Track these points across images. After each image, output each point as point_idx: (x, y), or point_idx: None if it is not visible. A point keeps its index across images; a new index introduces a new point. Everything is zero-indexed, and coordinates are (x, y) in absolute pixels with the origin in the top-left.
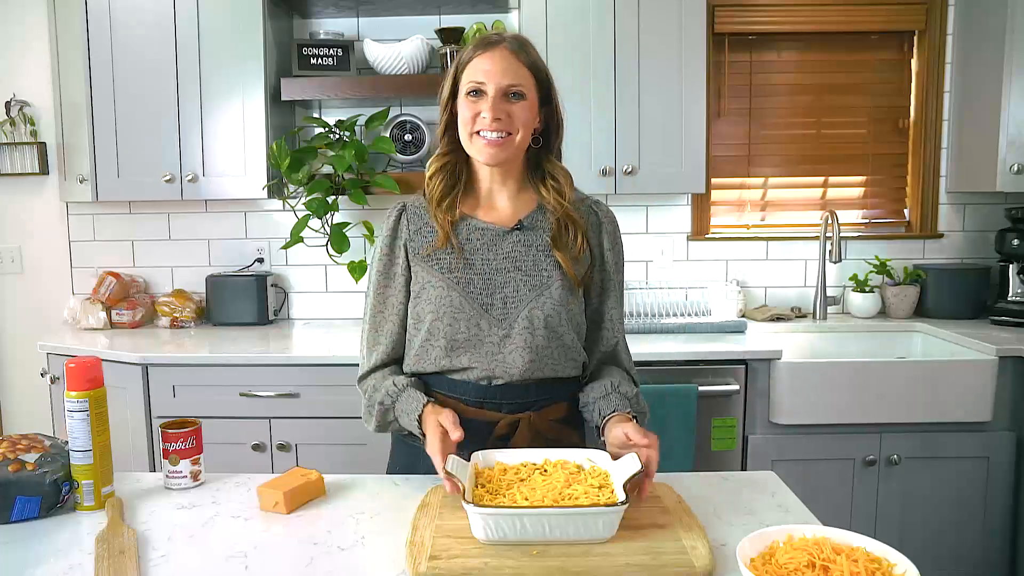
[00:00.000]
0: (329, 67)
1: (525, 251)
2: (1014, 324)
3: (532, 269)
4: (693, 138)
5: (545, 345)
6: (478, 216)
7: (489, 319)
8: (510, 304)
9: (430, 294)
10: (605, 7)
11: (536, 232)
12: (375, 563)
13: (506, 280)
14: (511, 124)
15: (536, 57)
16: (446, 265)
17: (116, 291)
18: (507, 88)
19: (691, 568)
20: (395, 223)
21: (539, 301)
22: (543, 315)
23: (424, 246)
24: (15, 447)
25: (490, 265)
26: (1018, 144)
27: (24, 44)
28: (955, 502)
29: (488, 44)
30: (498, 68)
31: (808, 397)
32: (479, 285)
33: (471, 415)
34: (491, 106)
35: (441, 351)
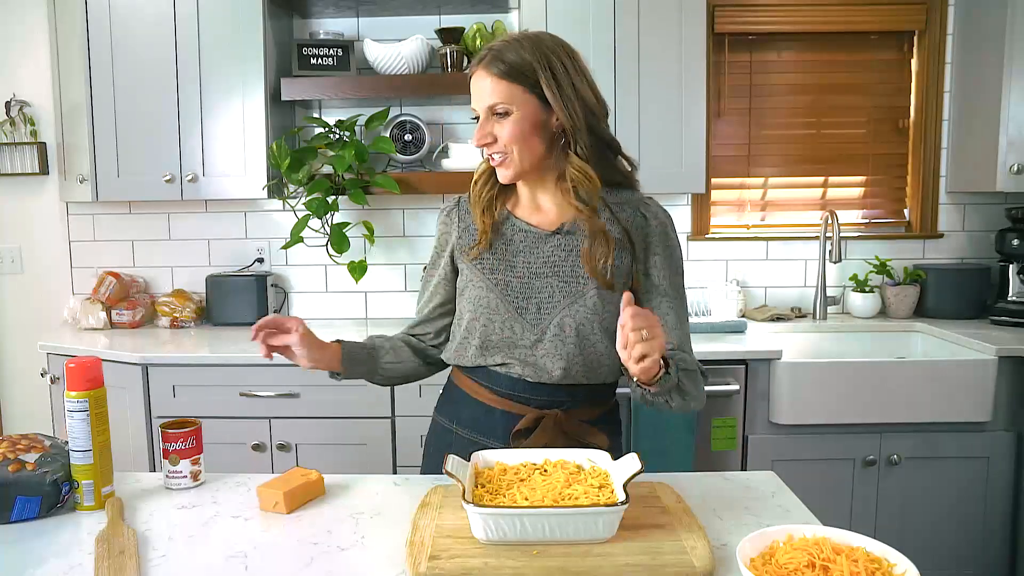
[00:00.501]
0: (329, 67)
1: (564, 256)
2: (1014, 324)
3: (569, 275)
4: (693, 138)
5: (576, 353)
6: (523, 217)
7: (523, 323)
8: (544, 309)
9: (471, 293)
10: (605, 7)
11: (577, 236)
12: (375, 563)
13: (543, 285)
14: (501, 144)
15: (515, 59)
16: (488, 265)
17: (116, 291)
18: (490, 109)
19: (691, 568)
20: (447, 218)
21: (572, 309)
22: (575, 323)
23: (471, 244)
24: (15, 447)
25: (530, 268)
26: (1018, 144)
27: (24, 44)
28: (955, 502)
29: (476, 61)
30: (478, 90)
31: (808, 397)
32: (517, 288)
33: (500, 406)
34: (476, 131)
35: (476, 350)
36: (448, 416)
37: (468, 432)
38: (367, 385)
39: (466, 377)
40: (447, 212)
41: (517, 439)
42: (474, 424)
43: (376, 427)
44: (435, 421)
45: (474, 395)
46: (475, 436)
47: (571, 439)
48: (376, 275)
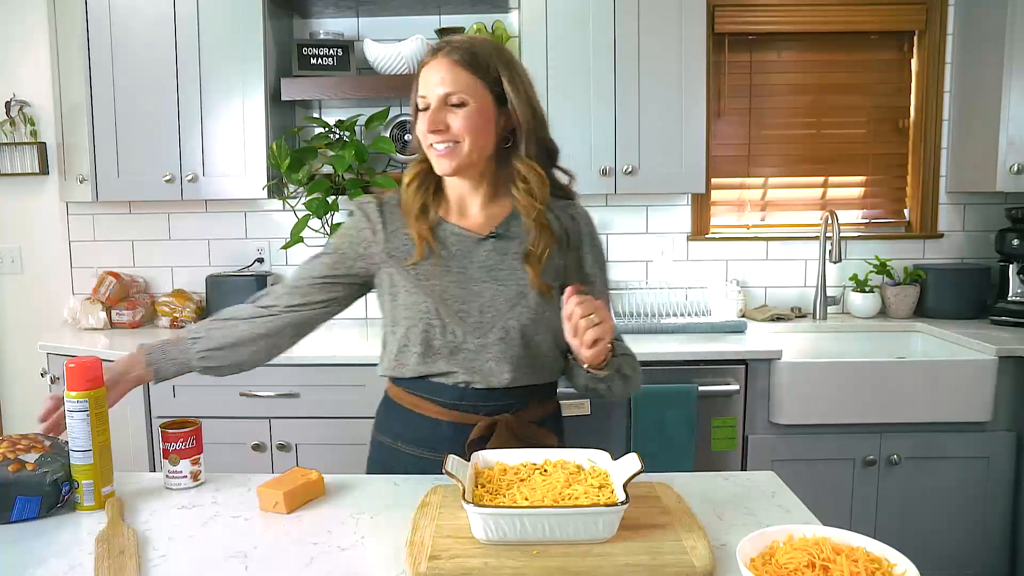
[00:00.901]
0: (329, 67)
1: (500, 259)
2: (1014, 324)
3: (508, 278)
4: (693, 138)
5: (522, 355)
6: (453, 221)
7: (465, 327)
8: (486, 313)
9: (406, 300)
10: (605, 7)
11: (511, 240)
12: (375, 563)
13: (482, 289)
14: (452, 133)
15: (480, 54)
16: (423, 271)
17: (116, 291)
18: (445, 98)
19: (691, 568)
20: (367, 222)
21: (515, 311)
22: (519, 325)
23: (401, 249)
24: (15, 447)
25: (466, 273)
26: (1018, 144)
27: (24, 44)
28: (955, 502)
29: (431, 54)
30: (435, 79)
31: (808, 397)
32: (455, 293)
33: (447, 417)
34: (429, 117)
35: (418, 357)
36: (390, 434)
37: (414, 448)
38: (367, 385)
39: (405, 392)
40: (366, 215)
41: (472, 449)
42: (420, 440)
43: None
44: (375, 440)
45: (417, 410)
46: (422, 452)
47: (523, 442)
48: None
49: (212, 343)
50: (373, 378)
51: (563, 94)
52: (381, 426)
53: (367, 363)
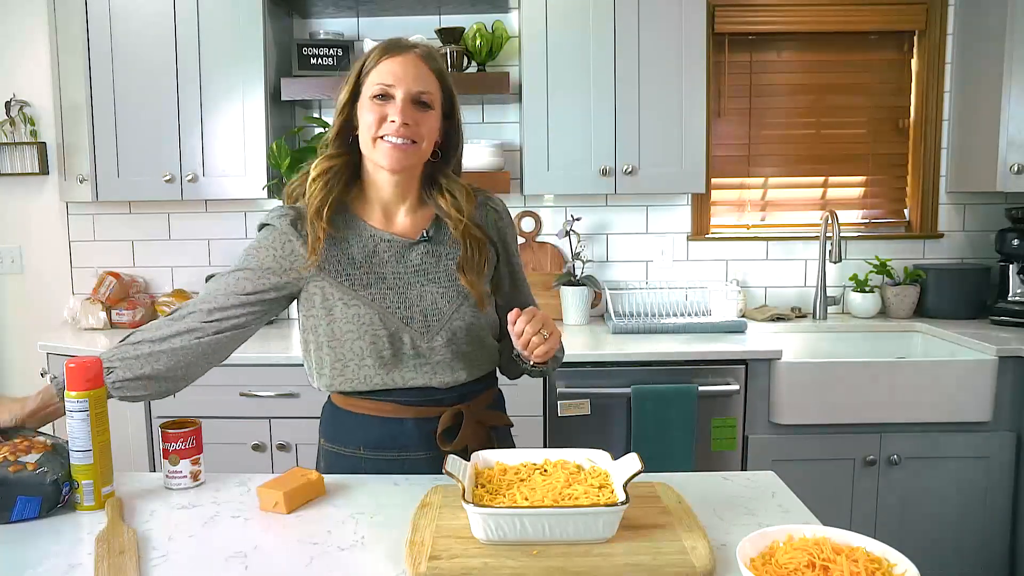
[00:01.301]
0: (329, 67)
1: (435, 262)
2: (1014, 324)
3: (445, 280)
4: (693, 138)
5: (471, 351)
6: (379, 227)
7: (411, 332)
8: (431, 317)
9: (345, 313)
10: (605, 7)
11: (441, 243)
12: (375, 563)
13: (421, 293)
14: (417, 132)
15: (444, 69)
16: (358, 281)
17: (116, 291)
18: (416, 95)
19: (691, 568)
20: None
21: (460, 312)
22: (465, 325)
23: (330, 260)
24: (16, 448)
25: (401, 279)
26: (1018, 144)
27: (24, 44)
28: (955, 502)
29: (398, 48)
30: (409, 74)
31: (808, 397)
32: (394, 300)
33: (409, 414)
34: (400, 110)
35: (371, 370)
36: (346, 443)
37: (378, 452)
38: None
39: (359, 399)
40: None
41: (445, 442)
42: (383, 442)
43: None
44: (329, 452)
45: (373, 412)
46: (389, 454)
47: (483, 426)
48: None
49: (128, 373)
50: None
51: (563, 94)
52: (333, 436)
53: None
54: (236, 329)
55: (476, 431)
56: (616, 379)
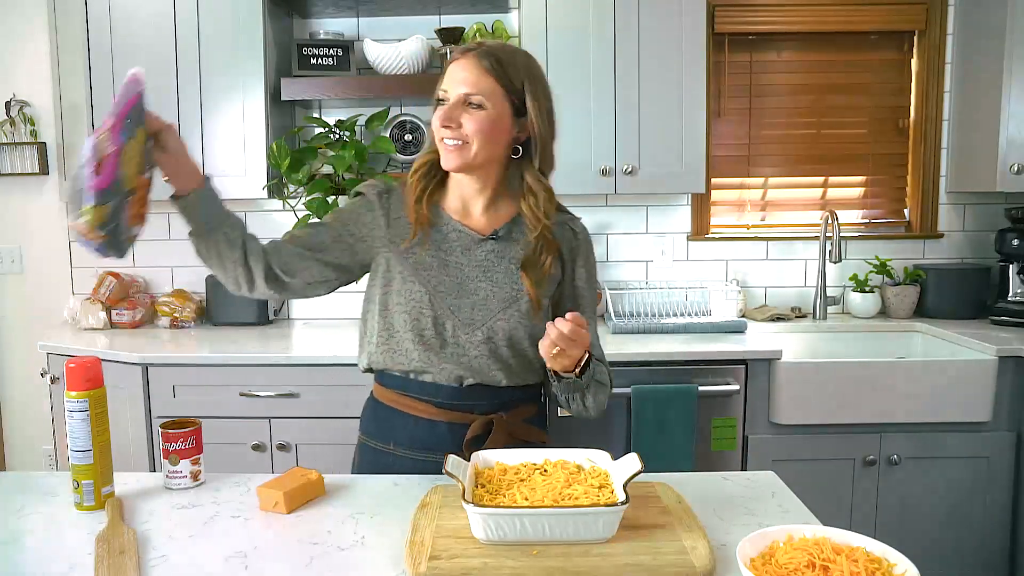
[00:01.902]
0: (329, 67)
1: (497, 261)
2: (1014, 324)
3: (503, 280)
4: (693, 138)
5: (509, 356)
6: (456, 219)
7: (455, 321)
8: (477, 311)
9: (400, 287)
10: (605, 7)
11: (510, 244)
12: (375, 563)
13: (476, 287)
14: (463, 133)
15: (513, 69)
16: (421, 262)
17: (116, 291)
18: (464, 97)
19: (691, 568)
20: (377, 203)
21: (506, 314)
22: (508, 328)
23: (402, 236)
24: None
25: (462, 271)
26: (1018, 144)
27: (24, 44)
28: (955, 502)
29: (462, 51)
30: (459, 77)
31: (808, 397)
32: (449, 287)
33: (443, 417)
34: (443, 113)
35: (412, 346)
36: (380, 437)
37: (408, 451)
38: (367, 385)
39: (396, 393)
40: (377, 195)
41: (471, 448)
42: (416, 442)
43: None
44: (364, 444)
45: (411, 411)
46: (419, 454)
47: (516, 439)
48: None
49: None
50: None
51: (563, 94)
52: (369, 429)
53: None
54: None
55: (505, 442)
56: (616, 379)
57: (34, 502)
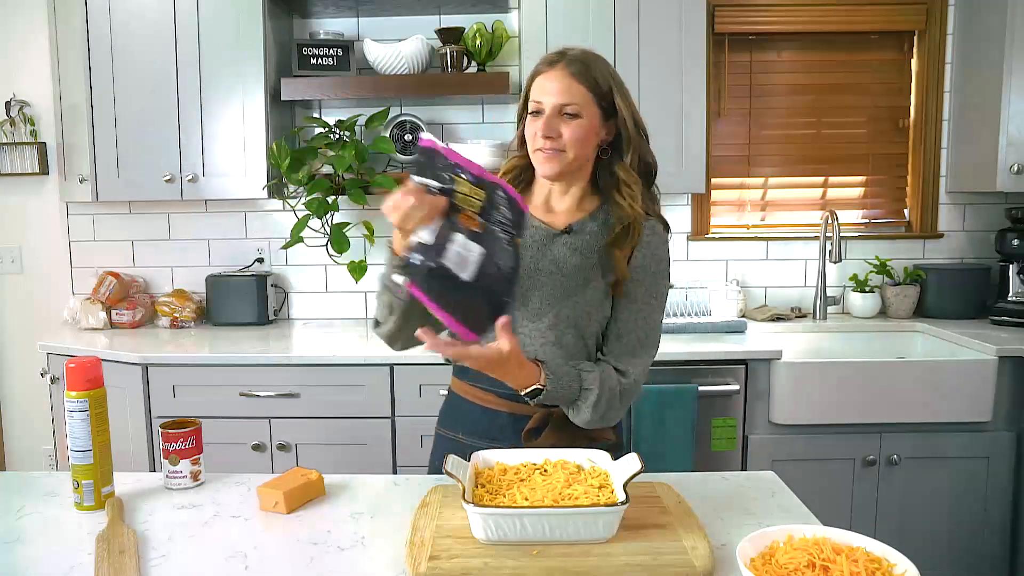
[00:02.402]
0: (329, 67)
1: (570, 254)
2: (1014, 324)
3: (573, 272)
4: (693, 138)
5: (573, 344)
6: (536, 215)
7: (524, 312)
8: (545, 302)
9: None
10: (605, 7)
11: (582, 237)
12: (375, 563)
13: (546, 280)
14: (561, 142)
15: (599, 73)
16: None
17: (116, 291)
18: (560, 108)
19: (691, 568)
20: None
21: (571, 302)
22: (574, 315)
23: None
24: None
25: (536, 264)
26: (1018, 144)
27: (24, 44)
28: (955, 502)
29: (549, 63)
30: (552, 88)
31: (808, 397)
32: (522, 279)
33: (504, 407)
34: (543, 124)
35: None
36: (450, 426)
37: (473, 439)
38: (367, 385)
39: (467, 383)
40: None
41: (529, 439)
42: (479, 430)
43: (376, 427)
44: (438, 435)
45: (477, 401)
46: (481, 442)
47: (579, 435)
48: (376, 275)
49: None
50: (373, 378)
51: None
52: (444, 420)
53: (367, 363)
54: None
55: (561, 436)
56: None
57: (34, 502)
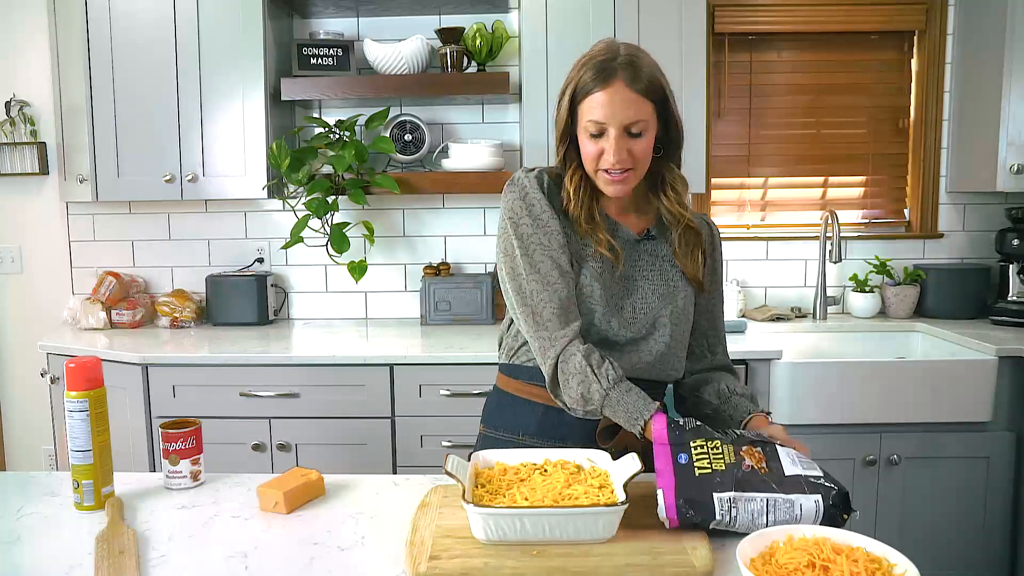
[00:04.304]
0: (329, 67)
1: (652, 260)
2: (1014, 324)
3: (659, 279)
4: (693, 138)
5: (667, 352)
6: (614, 217)
7: (620, 319)
8: (639, 310)
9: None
10: (605, 7)
11: (662, 242)
12: (375, 563)
13: (635, 287)
14: (633, 160)
15: (651, 75)
16: (589, 255)
17: (116, 291)
18: (628, 126)
19: (691, 568)
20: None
21: (667, 310)
22: (669, 323)
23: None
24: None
25: (625, 270)
26: (1018, 144)
27: (24, 44)
28: (955, 502)
29: (605, 76)
30: (619, 107)
31: (808, 397)
32: (615, 286)
33: None
34: (615, 148)
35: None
36: (508, 427)
37: (537, 439)
38: (367, 385)
39: (527, 384)
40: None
41: (604, 439)
42: (546, 430)
43: (376, 427)
44: (488, 437)
45: (542, 401)
46: (548, 443)
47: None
48: (376, 275)
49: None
50: (373, 378)
51: None
52: (495, 422)
53: (367, 363)
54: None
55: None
56: None
57: (34, 502)
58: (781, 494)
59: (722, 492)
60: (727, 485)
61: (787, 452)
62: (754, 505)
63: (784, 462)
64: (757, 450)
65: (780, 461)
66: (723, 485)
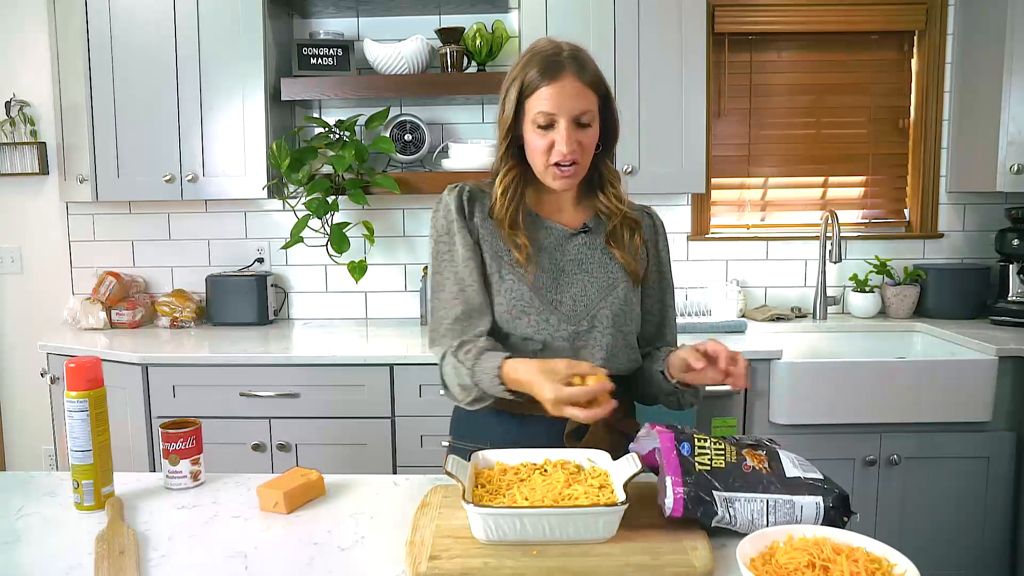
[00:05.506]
0: (329, 67)
1: (590, 253)
2: (1014, 324)
3: (598, 271)
4: (693, 138)
5: (613, 343)
6: (546, 215)
7: (559, 315)
8: (579, 303)
9: (498, 286)
10: (605, 7)
11: (598, 235)
12: (375, 563)
13: (572, 280)
14: (581, 152)
15: (594, 69)
16: (515, 260)
17: (116, 291)
18: (577, 117)
19: (691, 568)
20: (459, 203)
21: (607, 301)
22: (611, 314)
23: (489, 238)
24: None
25: (557, 265)
26: (1018, 144)
27: (24, 44)
28: (955, 502)
29: (554, 69)
30: (568, 98)
31: (808, 397)
32: (547, 283)
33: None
34: (566, 138)
35: (511, 348)
36: (474, 439)
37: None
38: (367, 385)
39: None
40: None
41: (571, 441)
42: (512, 440)
43: (376, 427)
44: (456, 448)
45: (505, 408)
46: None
47: (613, 431)
48: (376, 275)
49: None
50: (373, 378)
51: None
52: (461, 432)
53: (367, 363)
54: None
55: (604, 435)
56: None
57: (34, 502)
58: (782, 494)
59: (722, 491)
60: (727, 484)
61: (788, 455)
62: (755, 505)
63: (785, 464)
64: (759, 452)
65: (781, 463)
66: (724, 483)
